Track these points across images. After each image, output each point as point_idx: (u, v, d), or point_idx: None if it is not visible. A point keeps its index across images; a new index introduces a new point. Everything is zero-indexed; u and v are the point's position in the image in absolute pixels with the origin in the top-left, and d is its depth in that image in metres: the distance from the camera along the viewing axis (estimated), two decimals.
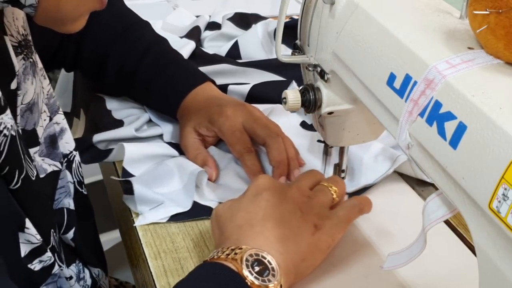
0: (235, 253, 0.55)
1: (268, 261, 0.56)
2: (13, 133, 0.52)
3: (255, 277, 0.54)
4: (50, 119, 0.64)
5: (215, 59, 1.05)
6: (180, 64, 0.88)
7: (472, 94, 0.41)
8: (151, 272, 0.66)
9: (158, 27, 1.16)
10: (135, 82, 0.87)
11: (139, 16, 0.94)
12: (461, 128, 0.41)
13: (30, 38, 0.60)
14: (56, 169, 0.64)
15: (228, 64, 1.02)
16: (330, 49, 0.59)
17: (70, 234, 0.66)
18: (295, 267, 0.59)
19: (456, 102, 0.42)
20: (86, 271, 0.69)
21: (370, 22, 0.53)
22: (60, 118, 0.66)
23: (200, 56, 1.06)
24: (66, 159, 0.67)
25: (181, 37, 1.12)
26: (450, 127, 0.42)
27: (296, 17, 0.71)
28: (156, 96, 0.87)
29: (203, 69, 0.98)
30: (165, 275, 0.65)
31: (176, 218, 0.73)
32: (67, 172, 0.67)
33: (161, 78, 0.86)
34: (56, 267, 0.59)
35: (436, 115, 0.44)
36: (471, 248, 0.70)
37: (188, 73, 0.87)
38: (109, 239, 1.49)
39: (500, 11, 0.42)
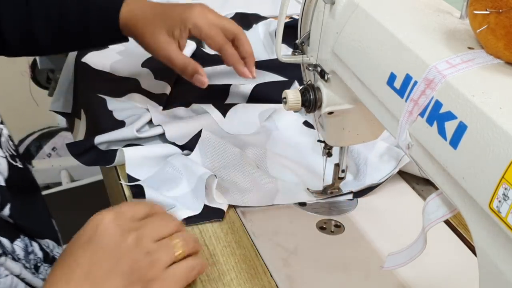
0: None
1: None
2: None
3: None
4: None
5: (216, 59, 1.06)
6: None
7: (472, 94, 0.41)
8: None
9: None
10: (68, 24, 0.84)
11: None
12: (461, 128, 0.41)
13: None
14: None
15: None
16: (330, 49, 0.59)
17: (6, 210, 0.63)
18: None
19: (456, 102, 0.42)
20: (35, 244, 0.66)
21: (370, 22, 0.53)
22: None
23: (201, 57, 1.06)
24: None
25: None
26: (450, 127, 0.42)
27: (296, 17, 0.72)
28: (93, 20, 0.84)
29: (205, 69, 0.98)
30: None
31: (187, 221, 0.72)
32: None
33: (91, 6, 0.84)
34: None
35: (436, 115, 0.44)
36: (471, 248, 0.70)
37: None
38: None
39: (500, 11, 0.42)
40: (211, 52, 1.10)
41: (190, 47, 1.06)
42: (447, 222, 0.73)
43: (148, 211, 0.59)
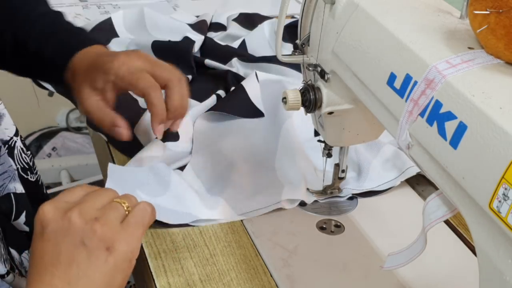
0: None
1: None
2: None
3: None
4: None
5: (227, 50, 1.06)
6: (70, 31, 0.83)
7: (472, 94, 0.41)
8: (151, 272, 0.66)
9: (164, 19, 1.17)
10: (27, 54, 0.82)
11: None
12: (461, 128, 0.41)
13: None
14: None
15: (240, 59, 1.03)
16: (330, 49, 0.59)
17: (22, 218, 0.64)
18: None
19: (456, 102, 0.42)
20: None
21: (370, 22, 0.53)
22: None
23: (212, 48, 1.07)
24: (7, 145, 0.64)
25: (189, 24, 1.13)
26: (450, 127, 0.42)
27: (298, 17, 0.72)
28: (47, 60, 0.81)
29: (214, 64, 1.00)
30: (165, 275, 0.65)
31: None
32: (9, 158, 0.64)
33: (48, 44, 0.80)
34: None
35: (437, 115, 0.44)
36: (471, 248, 0.70)
37: (78, 38, 0.82)
38: None
39: (501, 11, 0.42)
40: (222, 42, 1.11)
41: (198, 42, 1.06)
42: (447, 222, 0.73)
43: (83, 192, 0.59)
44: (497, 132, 0.39)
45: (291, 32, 0.91)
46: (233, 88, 0.94)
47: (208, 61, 1.03)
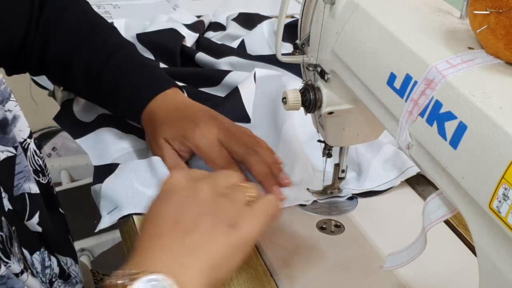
0: (133, 278, 0.50)
1: (163, 286, 0.51)
2: None
3: None
4: None
5: (224, 49, 1.06)
6: (145, 68, 0.86)
7: (472, 94, 0.41)
8: None
9: (163, 20, 1.17)
10: (101, 86, 0.86)
11: (105, 19, 0.92)
12: (461, 128, 0.41)
13: None
14: (10, 154, 0.62)
15: (237, 56, 1.03)
16: (330, 49, 0.59)
17: (36, 218, 0.64)
18: (208, 276, 0.54)
19: (456, 102, 0.42)
20: (53, 259, 0.68)
21: (370, 22, 0.53)
22: (12, 105, 0.65)
23: (206, 46, 1.07)
24: (21, 146, 0.65)
25: (185, 25, 1.13)
26: (450, 127, 0.42)
27: (298, 17, 0.72)
28: (121, 100, 0.85)
29: (211, 60, 1.00)
30: None
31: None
32: (24, 158, 0.65)
33: (126, 82, 0.84)
34: (3, 269, 0.57)
35: (437, 115, 0.44)
36: (471, 248, 0.70)
37: (154, 77, 0.85)
38: (109, 239, 1.50)
39: (501, 11, 0.42)
40: (221, 42, 1.11)
41: (192, 38, 1.07)
42: (447, 222, 0.73)
43: (208, 173, 0.62)
44: (497, 132, 0.39)
45: (291, 32, 0.91)
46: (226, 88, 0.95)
47: (198, 56, 1.03)
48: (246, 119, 0.90)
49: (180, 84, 0.92)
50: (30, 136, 0.67)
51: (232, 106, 0.91)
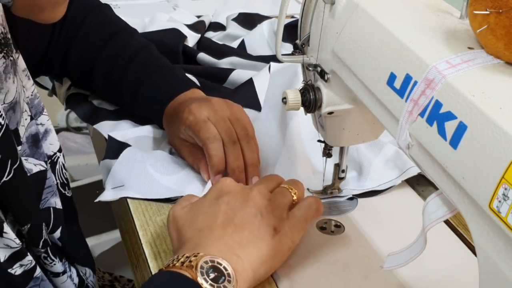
0: (190, 261, 0.55)
1: (224, 267, 0.55)
2: (3, 122, 0.53)
3: (210, 284, 0.53)
4: (31, 119, 0.64)
5: (225, 50, 1.06)
6: (165, 71, 0.87)
7: (472, 94, 0.41)
8: (151, 272, 0.66)
9: (164, 20, 1.17)
10: (122, 89, 0.87)
11: (126, 22, 0.94)
12: (461, 128, 0.41)
13: (9, 36, 0.60)
14: (42, 168, 0.64)
15: (238, 57, 1.03)
16: (330, 49, 0.59)
17: (57, 233, 0.66)
18: (253, 270, 0.59)
19: (456, 102, 0.42)
20: (73, 269, 0.69)
21: (370, 22, 0.53)
22: (45, 119, 0.66)
23: (207, 46, 1.07)
24: (50, 160, 0.67)
25: (187, 25, 1.13)
26: (450, 127, 0.42)
27: (298, 17, 0.72)
28: (142, 103, 0.86)
29: (212, 60, 1.00)
30: None
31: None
32: (51, 173, 0.67)
33: (146, 85, 0.85)
34: (38, 270, 0.59)
35: (436, 115, 0.44)
36: (471, 248, 0.70)
37: (174, 80, 0.86)
38: (109, 239, 1.49)
39: (500, 11, 0.42)
40: (221, 42, 1.11)
41: (194, 38, 1.07)
42: (447, 222, 0.73)
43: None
44: (497, 132, 0.39)
45: (291, 32, 0.91)
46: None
47: (200, 56, 1.03)
48: (257, 107, 0.90)
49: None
50: (60, 150, 0.68)
51: (244, 93, 0.91)
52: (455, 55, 0.45)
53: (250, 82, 0.92)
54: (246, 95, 0.90)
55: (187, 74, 0.92)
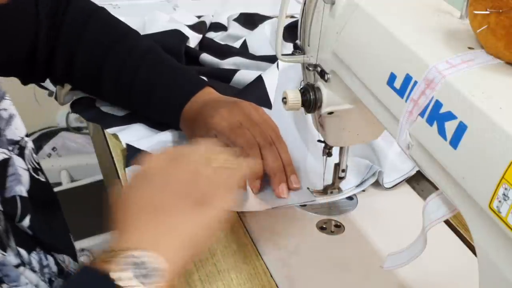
0: (111, 256, 0.52)
1: (142, 262, 0.52)
2: None
3: (130, 280, 0.51)
4: None
5: (227, 50, 1.06)
6: (177, 71, 0.87)
7: (472, 94, 0.41)
8: None
9: (165, 21, 1.17)
10: (133, 91, 0.87)
11: (127, 24, 0.93)
12: (461, 128, 0.41)
13: None
14: (6, 156, 0.63)
15: (240, 57, 1.03)
16: (330, 49, 0.59)
17: (26, 221, 0.64)
18: (182, 254, 0.55)
19: (456, 102, 0.42)
20: (50, 258, 0.67)
21: (370, 22, 0.53)
22: (8, 104, 0.65)
23: (208, 46, 1.07)
24: (18, 145, 0.65)
25: (188, 26, 1.13)
26: (450, 127, 0.42)
27: (298, 17, 0.72)
28: (155, 104, 0.86)
29: (215, 61, 1.00)
30: None
31: None
32: (19, 159, 0.65)
33: (158, 86, 0.85)
34: None
35: (436, 115, 0.44)
36: (471, 248, 0.70)
37: (186, 79, 0.86)
38: (109, 239, 1.49)
39: (500, 11, 0.42)
40: (223, 42, 1.11)
41: (195, 39, 1.07)
42: (447, 222, 0.73)
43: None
44: (497, 132, 0.39)
45: (291, 32, 0.91)
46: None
47: (203, 57, 1.04)
48: (268, 104, 0.90)
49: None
50: (27, 135, 0.66)
51: (255, 92, 0.91)
52: (455, 55, 0.45)
53: (260, 79, 0.92)
54: (257, 93, 0.90)
55: None
